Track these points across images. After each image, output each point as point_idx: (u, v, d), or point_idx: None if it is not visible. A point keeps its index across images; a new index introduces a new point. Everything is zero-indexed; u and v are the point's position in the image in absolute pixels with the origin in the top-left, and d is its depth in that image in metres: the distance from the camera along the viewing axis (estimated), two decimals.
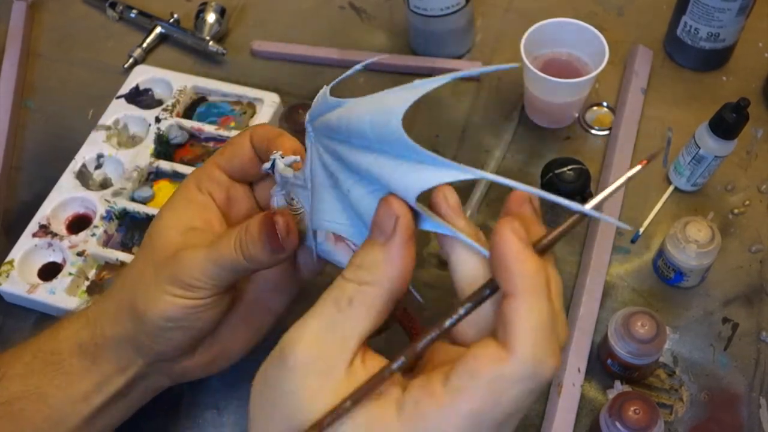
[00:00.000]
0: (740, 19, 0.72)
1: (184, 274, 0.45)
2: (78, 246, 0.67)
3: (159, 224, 0.49)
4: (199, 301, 0.46)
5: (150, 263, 0.47)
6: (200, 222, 0.48)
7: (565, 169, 0.64)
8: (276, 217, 0.43)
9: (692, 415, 0.58)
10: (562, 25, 0.71)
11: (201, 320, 0.47)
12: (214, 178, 0.50)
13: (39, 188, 0.73)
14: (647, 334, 0.55)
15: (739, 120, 0.61)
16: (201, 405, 0.60)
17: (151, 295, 0.46)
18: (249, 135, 0.49)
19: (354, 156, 0.37)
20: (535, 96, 0.71)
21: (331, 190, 0.40)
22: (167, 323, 0.46)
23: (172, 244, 0.47)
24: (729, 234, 0.67)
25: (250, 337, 0.52)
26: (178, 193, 0.50)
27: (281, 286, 0.52)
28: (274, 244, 0.43)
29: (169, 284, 0.45)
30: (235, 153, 0.49)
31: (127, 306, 0.47)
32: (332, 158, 0.39)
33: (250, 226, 0.44)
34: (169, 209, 0.49)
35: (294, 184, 0.45)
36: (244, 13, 0.88)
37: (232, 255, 0.44)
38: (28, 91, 0.83)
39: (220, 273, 0.45)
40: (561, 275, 0.67)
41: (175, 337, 0.47)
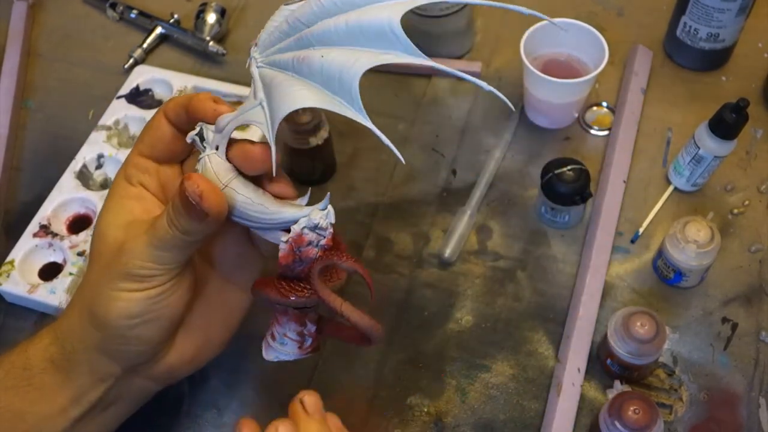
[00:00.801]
0: (740, 19, 0.72)
1: (131, 265, 0.43)
2: (78, 246, 0.67)
3: (99, 227, 0.47)
4: (155, 289, 0.44)
5: (100, 267, 0.45)
6: (140, 213, 0.47)
7: (565, 169, 0.64)
8: (185, 183, 0.41)
9: (692, 415, 0.59)
10: (562, 25, 0.71)
11: (166, 308, 0.45)
12: (141, 167, 0.48)
13: (39, 188, 0.73)
14: (647, 334, 0.55)
15: (738, 120, 0.61)
16: (201, 405, 0.60)
17: (107, 297, 0.44)
18: (162, 114, 0.47)
19: (326, 25, 0.39)
20: (535, 96, 0.72)
21: (293, 80, 0.40)
22: (131, 321, 0.45)
23: (116, 241, 0.45)
24: (728, 234, 0.67)
25: (229, 320, 0.51)
26: (110, 192, 0.48)
27: (244, 261, 0.51)
28: (193, 210, 0.41)
29: (121, 281, 0.44)
30: (156, 136, 0.47)
31: (88, 315, 0.46)
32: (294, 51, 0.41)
33: (174, 198, 0.42)
34: (105, 210, 0.47)
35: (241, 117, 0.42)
36: (244, 14, 0.88)
37: (168, 233, 0.43)
38: (28, 91, 0.83)
39: (165, 255, 0.44)
40: (561, 275, 0.68)
41: (145, 333, 0.46)
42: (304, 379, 0.61)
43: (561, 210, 0.66)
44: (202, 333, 0.50)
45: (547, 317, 0.64)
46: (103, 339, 0.46)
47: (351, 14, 0.39)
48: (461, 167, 0.73)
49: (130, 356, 0.47)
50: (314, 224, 0.43)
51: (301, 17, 0.40)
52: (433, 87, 0.78)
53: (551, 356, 0.62)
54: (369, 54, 0.38)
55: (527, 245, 0.68)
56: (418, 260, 0.67)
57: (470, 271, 0.66)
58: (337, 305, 0.43)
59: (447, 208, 0.70)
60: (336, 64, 0.39)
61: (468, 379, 0.61)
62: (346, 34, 0.39)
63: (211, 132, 0.44)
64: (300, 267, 0.44)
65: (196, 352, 0.50)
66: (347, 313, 0.43)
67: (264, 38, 0.42)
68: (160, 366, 0.49)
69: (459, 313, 0.64)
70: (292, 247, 0.43)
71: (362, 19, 0.38)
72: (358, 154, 0.74)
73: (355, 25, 0.39)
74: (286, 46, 0.41)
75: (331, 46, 0.39)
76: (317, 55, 0.39)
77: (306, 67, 0.40)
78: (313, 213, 0.43)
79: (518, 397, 0.60)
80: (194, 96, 0.44)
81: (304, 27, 0.40)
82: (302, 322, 0.47)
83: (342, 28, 0.39)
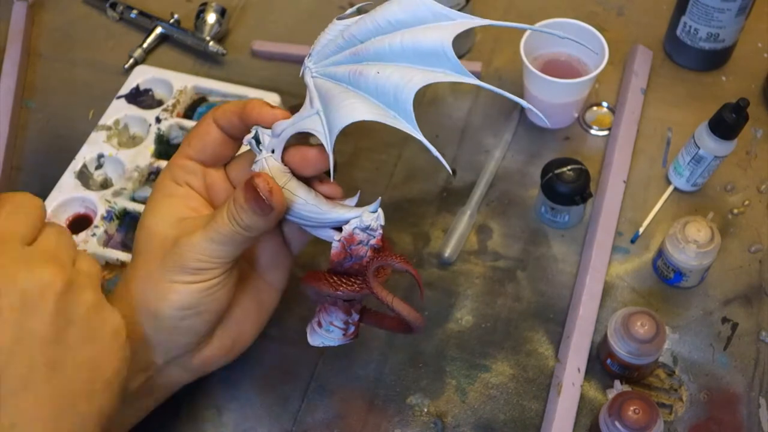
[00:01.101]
0: (740, 19, 0.72)
1: (189, 259, 0.46)
2: (78, 246, 0.67)
3: (148, 223, 0.49)
4: (209, 282, 0.47)
5: (152, 261, 0.48)
6: (188, 211, 0.49)
7: (564, 169, 0.64)
8: (255, 180, 0.44)
9: (692, 415, 0.59)
10: (562, 26, 0.71)
11: (215, 301, 0.48)
12: (188, 168, 0.50)
13: (39, 188, 0.73)
14: (647, 334, 0.55)
15: (738, 120, 0.62)
16: (201, 405, 0.60)
17: (162, 289, 0.47)
18: (212, 119, 0.49)
19: (380, 42, 0.43)
20: (535, 96, 0.72)
21: (348, 93, 0.43)
22: (184, 312, 0.47)
23: (168, 237, 0.47)
24: (728, 234, 0.67)
25: (260, 315, 0.54)
26: (156, 192, 0.50)
27: (278, 260, 0.54)
28: (261, 205, 0.44)
29: (177, 274, 0.46)
30: (205, 141, 0.50)
31: (139, 307, 0.48)
32: (349, 65, 0.44)
33: (237, 195, 0.45)
34: (152, 208, 0.50)
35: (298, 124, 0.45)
36: (244, 13, 0.88)
37: (228, 228, 0.45)
38: (28, 91, 0.83)
39: (222, 249, 0.46)
40: (561, 275, 0.68)
41: (194, 325, 0.48)
42: (305, 379, 0.61)
43: (561, 210, 0.66)
44: (237, 327, 0.53)
45: (547, 317, 0.64)
46: (152, 331, 0.48)
47: (406, 34, 0.42)
48: (461, 167, 0.73)
49: (175, 347, 0.49)
50: (365, 225, 0.47)
51: (357, 33, 0.44)
52: (433, 87, 0.78)
53: (551, 356, 0.62)
54: (421, 73, 0.42)
55: (527, 245, 0.68)
56: (418, 260, 0.67)
57: (470, 271, 0.67)
58: (389, 300, 0.48)
59: (447, 208, 0.70)
60: (391, 81, 0.42)
61: (468, 379, 0.61)
62: (400, 52, 0.42)
63: (267, 136, 0.47)
64: (350, 263, 0.48)
65: (230, 346, 0.53)
66: (398, 308, 0.48)
67: (318, 50, 0.45)
68: (198, 358, 0.51)
69: (459, 313, 0.64)
70: (344, 245, 0.47)
71: (417, 40, 0.42)
72: (358, 154, 0.74)
73: (410, 45, 0.42)
74: (341, 59, 0.44)
75: (385, 62, 0.43)
76: (373, 71, 0.43)
77: (362, 80, 0.43)
78: (365, 215, 0.47)
79: (518, 397, 0.60)
80: (248, 103, 0.48)
81: (359, 42, 0.44)
82: (348, 312, 0.50)
83: (397, 46, 0.42)
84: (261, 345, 0.55)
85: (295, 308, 0.65)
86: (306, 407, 0.60)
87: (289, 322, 0.64)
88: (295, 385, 0.61)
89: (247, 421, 0.59)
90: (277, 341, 0.62)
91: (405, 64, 0.42)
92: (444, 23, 0.42)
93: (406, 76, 0.42)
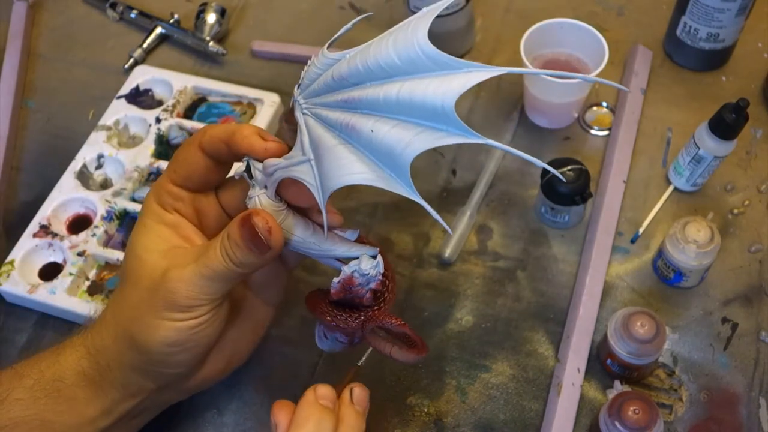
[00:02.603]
0: (740, 19, 0.72)
1: (179, 295, 0.44)
2: (78, 246, 0.67)
3: (136, 250, 0.47)
4: (198, 319, 0.45)
5: (140, 291, 0.46)
6: (178, 240, 0.47)
7: (564, 169, 0.64)
8: (254, 219, 0.42)
9: (692, 415, 0.59)
10: (562, 25, 0.71)
11: (204, 338, 0.46)
12: (175, 194, 0.47)
13: (39, 188, 0.73)
14: (647, 334, 0.55)
15: (738, 120, 0.61)
16: (201, 405, 0.60)
17: (150, 325, 0.45)
18: (197, 146, 0.46)
19: (374, 93, 0.37)
20: (535, 96, 0.72)
21: (343, 147, 0.39)
22: (171, 348, 0.45)
23: (158, 267, 0.45)
24: (728, 234, 0.67)
25: (255, 332, 0.53)
26: (144, 216, 0.48)
27: (273, 279, 0.52)
28: (259, 244, 0.42)
29: (166, 310, 0.44)
30: (190, 167, 0.46)
31: (126, 338, 0.46)
32: (341, 111, 0.39)
33: (231, 230, 0.43)
34: (141, 234, 0.47)
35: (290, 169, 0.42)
36: (244, 14, 0.88)
37: (222, 264, 0.43)
38: (28, 91, 0.83)
39: (214, 285, 0.44)
40: (561, 275, 0.67)
41: (183, 360, 0.47)
42: (305, 379, 0.61)
43: (561, 210, 0.66)
44: (232, 347, 0.51)
45: (547, 317, 0.64)
46: (140, 361, 0.47)
47: (403, 86, 0.36)
48: (461, 167, 0.73)
49: (165, 377, 0.48)
50: (364, 272, 0.46)
51: (347, 76, 0.38)
52: None
53: (551, 356, 0.62)
54: (421, 136, 0.36)
55: (527, 245, 0.68)
56: (418, 260, 0.67)
57: (470, 271, 0.67)
58: (386, 352, 0.48)
59: (447, 208, 0.70)
60: (386, 144, 0.37)
61: (468, 379, 0.61)
62: (396, 106, 0.37)
63: (258, 171, 0.44)
64: (351, 297, 0.47)
65: (226, 366, 0.52)
66: (396, 357, 0.48)
67: (306, 83, 0.41)
68: (192, 381, 0.50)
69: (459, 313, 0.64)
70: (344, 286, 0.46)
71: (414, 94, 0.36)
72: None
73: (407, 100, 0.36)
74: (332, 102, 0.40)
75: (380, 113, 0.38)
76: (367, 128, 0.38)
77: (355, 135, 0.38)
78: (363, 261, 0.46)
79: (518, 397, 0.60)
80: (236, 131, 0.44)
81: (351, 86, 0.39)
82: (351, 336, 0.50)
83: (392, 100, 0.37)
84: (261, 345, 0.55)
85: (295, 309, 0.65)
86: None
87: (289, 322, 0.64)
88: (295, 385, 0.61)
89: (247, 421, 0.59)
90: (277, 341, 0.62)
91: (403, 119, 0.37)
92: (447, 74, 0.36)
93: (404, 138, 0.36)
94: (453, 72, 0.36)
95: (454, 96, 0.35)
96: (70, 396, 0.47)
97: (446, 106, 0.35)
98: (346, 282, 0.46)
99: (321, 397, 0.45)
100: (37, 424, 0.47)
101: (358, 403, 0.46)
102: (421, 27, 0.36)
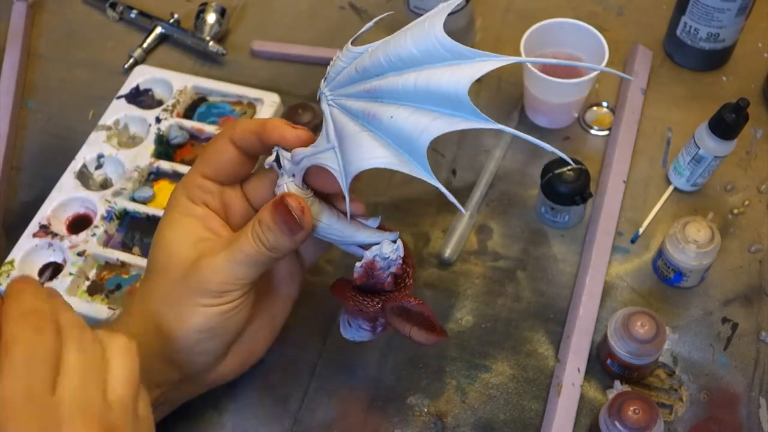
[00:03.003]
0: (740, 19, 0.72)
1: (211, 281, 0.45)
2: (78, 246, 0.67)
3: (165, 242, 0.48)
4: (230, 304, 0.47)
5: (170, 281, 0.47)
6: (206, 232, 0.49)
7: (564, 169, 0.64)
8: (287, 199, 0.44)
9: (692, 415, 0.59)
10: (562, 25, 0.71)
11: (233, 324, 0.48)
12: (205, 187, 0.49)
13: (39, 188, 0.73)
14: (647, 334, 0.55)
15: (738, 120, 0.61)
16: (201, 405, 0.60)
17: (184, 312, 0.46)
18: (228, 139, 0.48)
19: (394, 82, 0.40)
20: (535, 96, 0.72)
21: (365, 133, 0.42)
22: (202, 334, 0.47)
23: (188, 258, 0.47)
24: (728, 234, 0.67)
25: (273, 327, 0.55)
26: (172, 210, 0.49)
27: (291, 274, 0.54)
28: (292, 225, 0.44)
29: (200, 296, 0.46)
30: (221, 160, 0.49)
31: (155, 326, 0.47)
32: (364, 101, 0.42)
33: (262, 216, 0.45)
34: (169, 227, 0.49)
35: (316, 157, 0.45)
36: (244, 13, 0.88)
37: (254, 248, 0.45)
38: (28, 91, 0.83)
39: (245, 270, 0.46)
40: (561, 275, 0.67)
41: (211, 347, 0.48)
42: (305, 379, 0.61)
43: (561, 210, 0.66)
44: (251, 342, 0.53)
45: (547, 317, 0.64)
46: (169, 350, 0.48)
47: (420, 74, 0.39)
48: (461, 167, 0.73)
49: (192, 366, 0.49)
50: (385, 256, 0.48)
51: (370, 67, 0.41)
52: None
53: (551, 356, 0.62)
54: (438, 120, 0.39)
55: (527, 245, 0.68)
56: (418, 260, 0.67)
57: (470, 271, 0.66)
58: (406, 332, 0.50)
59: (447, 208, 0.70)
60: (405, 129, 0.40)
61: (468, 379, 0.61)
62: (413, 93, 0.40)
63: (286, 160, 0.47)
64: (373, 283, 0.50)
65: (245, 360, 0.53)
66: (416, 338, 0.50)
67: (332, 76, 0.44)
68: (213, 374, 0.51)
69: (459, 313, 0.64)
70: (366, 270, 0.49)
71: (431, 82, 0.39)
72: None
73: (423, 88, 0.39)
74: (355, 93, 0.42)
75: (399, 101, 0.40)
76: (387, 115, 0.40)
77: (376, 122, 0.41)
78: (384, 245, 0.48)
79: (518, 397, 0.60)
80: (267, 123, 0.47)
81: (374, 77, 0.41)
82: (374, 321, 0.53)
83: (410, 87, 0.40)
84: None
85: (296, 309, 0.64)
86: (306, 407, 0.60)
87: (289, 322, 0.64)
88: (295, 385, 0.61)
89: (247, 421, 0.59)
90: (277, 341, 0.62)
91: (420, 106, 0.40)
92: (461, 63, 0.38)
93: (421, 123, 0.40)
94: (466, 61, 0.38)
95: (467, 83, 0.38)
96: None
97: (460, 92, 0.38)
98: (368, 266, 0.48)
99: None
100: None
101: None
102: (437, 21, 0.39)
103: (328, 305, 0.64)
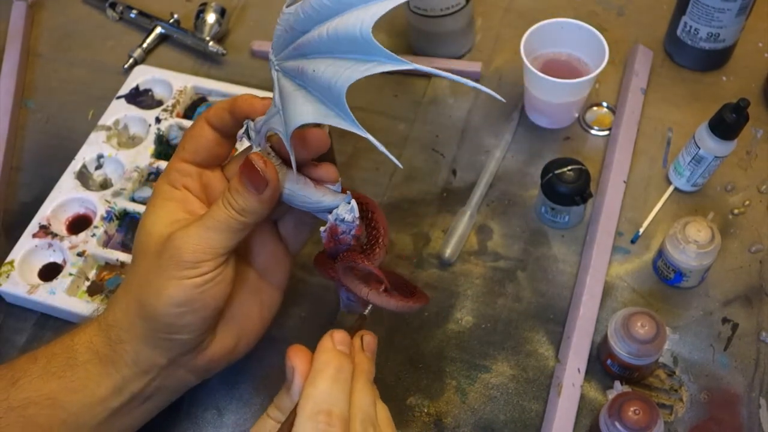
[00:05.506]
0: (740, 19, 0.72)
1: (184, 251, 0.46)
2: (78, 246, 0.67)
3: (145, 225, 0.49)
4: (204, 276, 0.47)
5: (148, 260, 0.48)
6: (185, 214, 0.50)
7: (565, 169, 0.64)
8: (250, 156, 0.45)
9: (692, 415, 0.59)
10: (562, 25, 0.71)
11: (210, 298, 0.48)
12: (185, 171, 0.51)
13: (39, 188, 0.73)
14: (647, 334, 0.55)
15: (738, 120, 0.61)
16: (201, 405, 0.60)
17: (158, 286, 0.47)
18: (204, 121, 0.50)
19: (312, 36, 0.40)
20: (535, 96, 0.71)
21: (298, 93, 0.42)
22: (179, 309, 0.47)
23: (163, 236, 0.48)
24: (729, 234, 0.67)
25: (263, 314, 0.54)
26: (155, 197, 0.51)
27: (276, 260, 0.54)
28: (257, 181, 0.45)
29: (173, 268, 0.46)
30: (198, 143, 0.50)
31: (136, 306, 0.48)
32: (295, 60, 0.42)
33: (232, 181, 0.46)
34: (150, 212, 0.50)
35: (268, 122, 0.45)
36: (244, 14, 0.88)
37: (224, 213, 0.46)
38: (28, 91, 0.83)
39: (218, 237, 0.46)
40: (561, 275, 0.67)
41: (191, 322, 0.48)
42: None
43: (561, 210, 0.66)
44: (239, 326, 0.53)
45: (547, 317, 0.64)
46: (150, 329, 0.48)
47: (332, 23, 0.39)
48: (461, 167, 0.73)
49: (175, 346, 0.49)
50: (342, 218, 0.48)
51: (295, 24, 0.42)
52: (433, 87, 0.78)
53: (551, 356, 0.62)
54: (351, 68, 0.39)
55: (527, 245, 0.68)
56: (418, 260, 0.67)
57: (470, 271, 0.66)
58: (363, 294, 0.49)
59: (447, 208, 0.70)
60: (324, 80, 0.40)
61: (468, 380, 0.61)
62: (327, 43, 0.40)
63: (252, 131, 0.47)
64: (342, 249, 0.50)
65: (234, 345, 0.53)
66: (373, 300, 0.49)
67: (274, 42, 0.44)
68: (202, 357, 0.51)
69: (459, 314, 0.64)
70: (330, 235, 0.49)
71: (338, 28, 0.39)
72: (358, 154, 0.74)
73: (333, 35, 0.39)
74: (289, 54, 0.43)
75: (320, 55, 0.41)
76: (310, 69, 0.41)
77: (306, 78, 0.41)
78: (340, 207, 0.48)
79: (518, 398, 0.60)
80: (237, 98, 0.48)
81: (301, 34, 0.42)
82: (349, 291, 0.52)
83: (324, 39, 0.40)
84: (261, 345, 0.55)
85: (295, 309, 0.65)
86: None
87: (289, 322, 0.64)
88: None
89: (247, 422, 0.59)
90: (277, 341, 0.62)
91: (337, 57, 0.40)
92: (367, 5, 0.38)
93: (337, 72, 0.39)
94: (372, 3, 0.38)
95: (371, 22, 0.38)
96: (82, 374, 0.48)
97: (363, 32, 0.38)
98: (331, 231, 0.49)
99: (339, 342, 0.46)
100: (48, 404, 0.47)
101: (368, 350, 0.48)
102: None
103: (328, 305, 0.64)
